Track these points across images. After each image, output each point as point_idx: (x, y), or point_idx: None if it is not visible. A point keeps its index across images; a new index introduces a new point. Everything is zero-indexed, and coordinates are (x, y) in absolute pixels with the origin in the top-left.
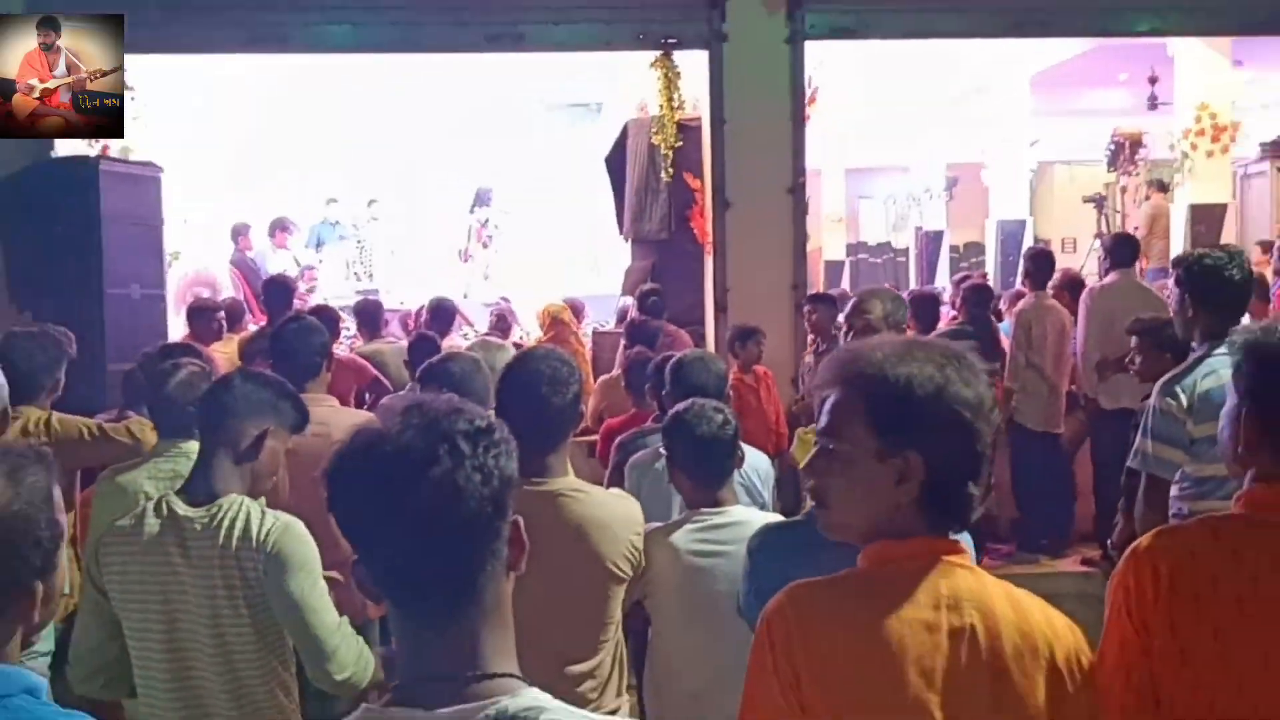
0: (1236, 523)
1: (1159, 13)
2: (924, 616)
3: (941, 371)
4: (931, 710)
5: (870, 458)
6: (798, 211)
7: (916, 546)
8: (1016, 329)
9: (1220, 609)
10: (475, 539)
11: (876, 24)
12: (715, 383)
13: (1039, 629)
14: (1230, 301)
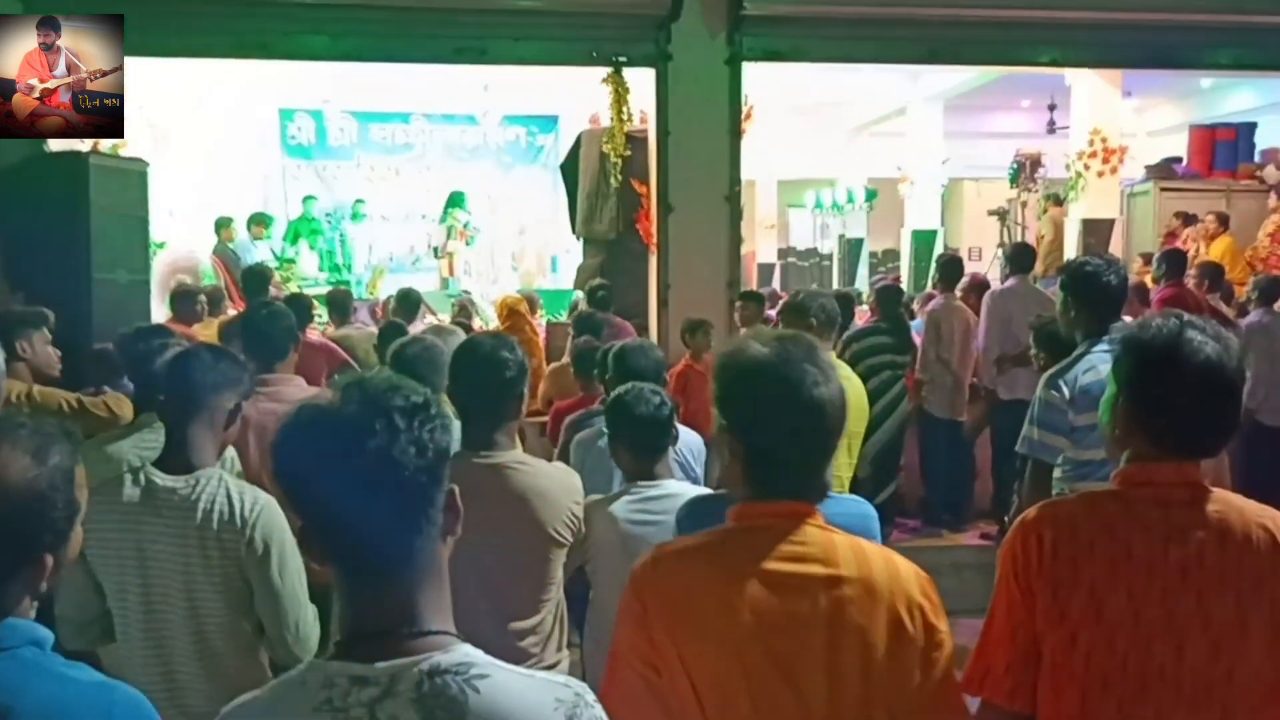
0: (1112, 497)
1: (1059, 46)
2: (768, 568)
3: (772, 361)
4: (772, 651)
5: (720, 434)
6: (734, 217)
7: (774, 509)
8: (927, 327)
9: (1095, 573)
10: (409, 506)
11: (807, 49)
12: (654, 368)
13: (880, 577)
14: (1107, 303)
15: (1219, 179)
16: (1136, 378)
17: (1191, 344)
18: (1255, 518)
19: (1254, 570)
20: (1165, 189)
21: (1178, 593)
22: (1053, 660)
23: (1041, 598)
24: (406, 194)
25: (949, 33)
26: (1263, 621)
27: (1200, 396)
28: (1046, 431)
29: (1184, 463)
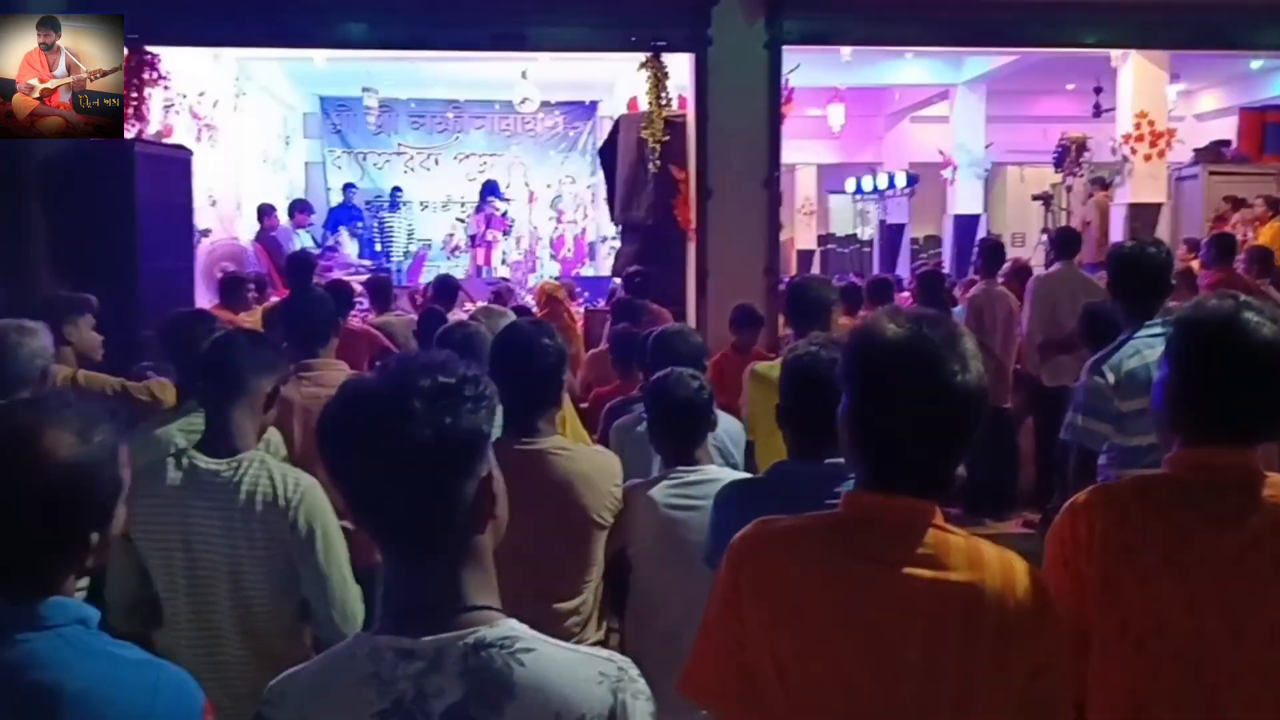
0: (1164, 481)
1: (1105, 27)
2: (875, 565)
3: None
4: (869, 652)
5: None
6: (772, 203)
7: (892, 503)
8: (969, 313)
9: (1147, 558)
10: (432, 487)
11: (846, 31)
12: (693, 353)
13: (992, 585)
14: (1149, 289)
15: (1269, 163)
16: (1190, 357)
17: (1249, 324)
18: None
19: None
20: (1214, 173)
21: (1233, 578)
22: (1103, 646)
23: (1091, 583)
24: (445, 182)
25: (991, 14)
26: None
27: (1255, 378)
28: (1091, 419)
29: (1239, 446)
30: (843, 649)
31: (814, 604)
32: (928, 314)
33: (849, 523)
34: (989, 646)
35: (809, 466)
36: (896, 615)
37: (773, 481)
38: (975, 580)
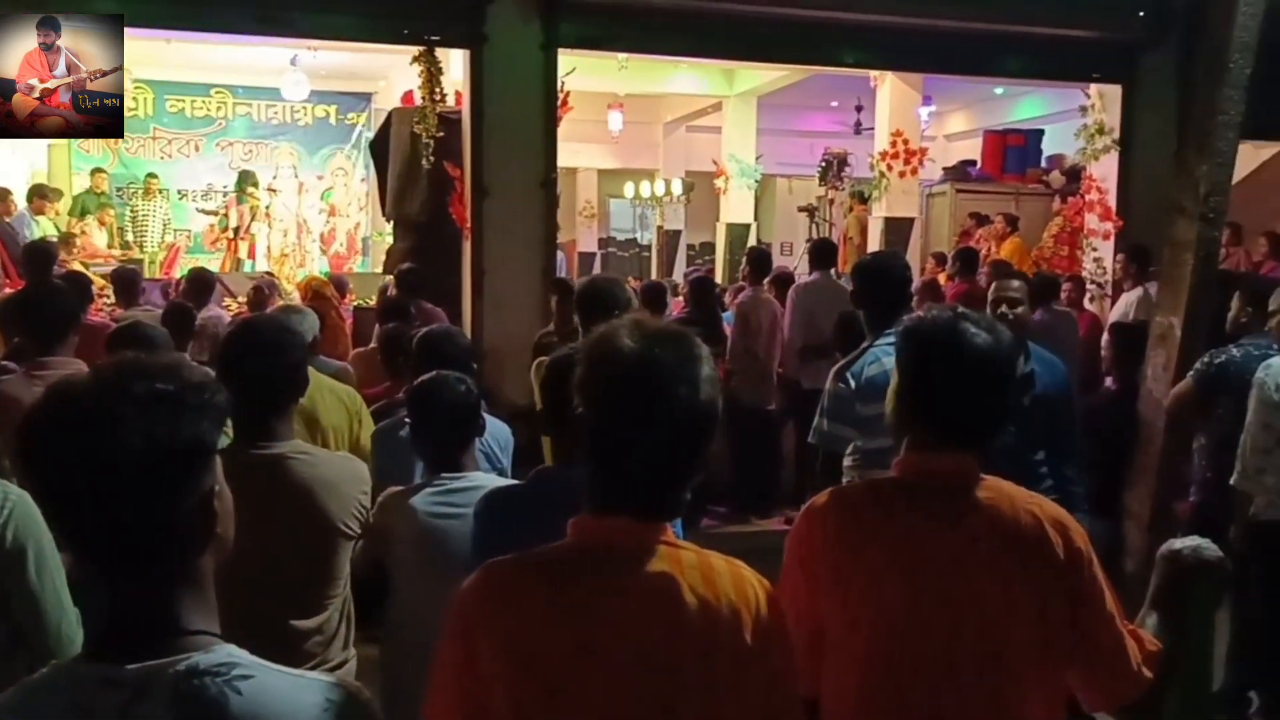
0: (891, 484)
1: (863, 48)
2: (606, 595)
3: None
4: (609, 689)
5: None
6: (549, 204)
7: (618, 525)
8: (736, 318)
9: (876, 558)
10: (145, 501)
11: (620, 37)
12: (460, 355)
13: (725, 598)
14: (888, 298)
15: (1009, 182)
16: (911, 366)
17: (965, 334)
18: (1024, 504)
19: (1022, 553)
20: (961, 190)
21: (953, 576)
22: (835, 644)
23: (825, 583)
24: (206, 170)
25: (760, 31)
26: (1029, 602)
27: (971, 385)
28: (835, 422)
29: (960, 451)
30: (585, 686)
31: (552, 646)
32: (668, 330)
33: (577, 553)
34: (727, 662)
35: (570, 472)
36: (634, 640)
37: (533, 489)
38: (710, 596)
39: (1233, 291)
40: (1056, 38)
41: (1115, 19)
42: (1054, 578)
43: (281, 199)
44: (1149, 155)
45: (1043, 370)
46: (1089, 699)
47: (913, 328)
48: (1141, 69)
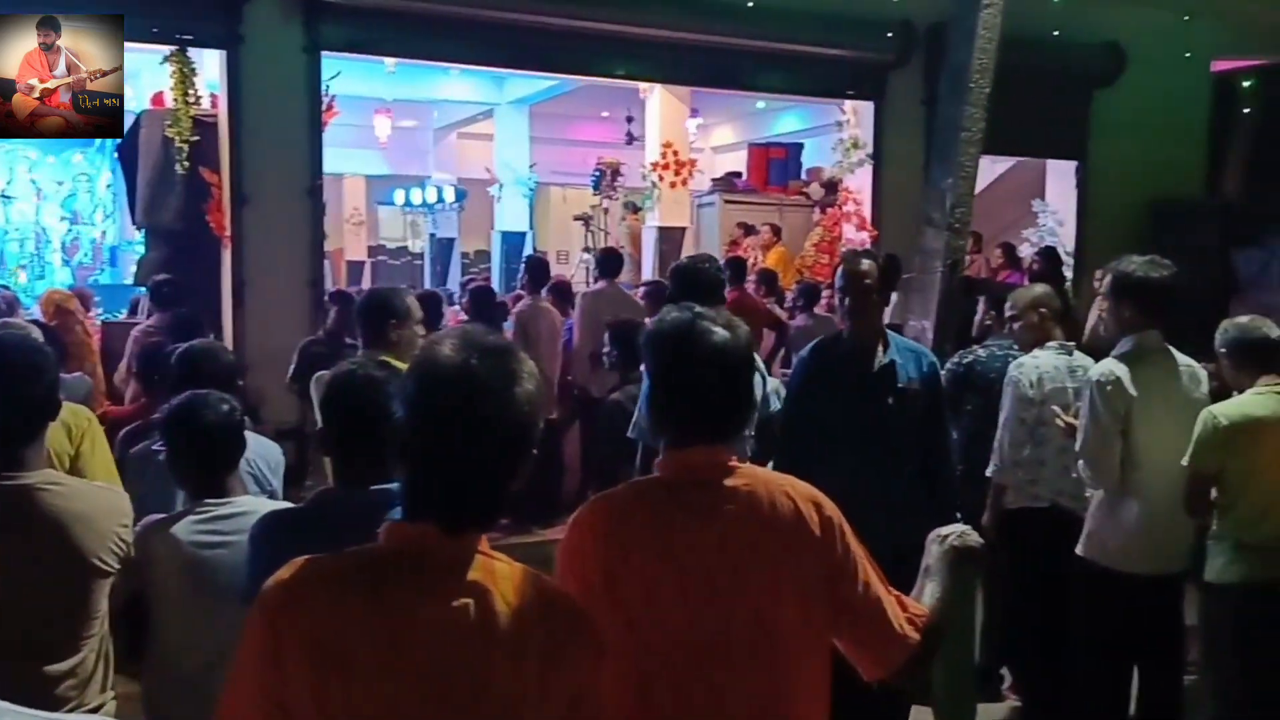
0: (654, 484)
1: (632, 60)
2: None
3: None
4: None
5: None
6: (315, 211)
7: (420, 531)
8: (516, 327)
9: (644, 557)
10: None
11: (388, 41)
12: (223, 373)
13: (533, 609)
14: (703, 300)
15: (773, 193)
16: (656, 367)
17: (701, 332)
18: (777, 486)
19: (781, 536)
20: (729, 201)
21: (718, 567)
22: (615, 649)
23: (598, 590)
24: None
25: (529, 39)
26: (793, 582)
27: (711, 381)
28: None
29: (713, 444)
30: (395, 693)
31: (360, 650)
32: (492, 344)
33: (391, 557)
34: (534, 674)
35: (355, 494)
36: (446, 650)
37: (315, 511)
38: (521, 607)
39: (977, 297)
40: (814, 55)
41: (867, 39)
42: (812, 554)
43: (16, 206)
44: (899, 169)
45: (905, 361)
46: (862, 666)
47: (653, 331)
48: (891, 87)
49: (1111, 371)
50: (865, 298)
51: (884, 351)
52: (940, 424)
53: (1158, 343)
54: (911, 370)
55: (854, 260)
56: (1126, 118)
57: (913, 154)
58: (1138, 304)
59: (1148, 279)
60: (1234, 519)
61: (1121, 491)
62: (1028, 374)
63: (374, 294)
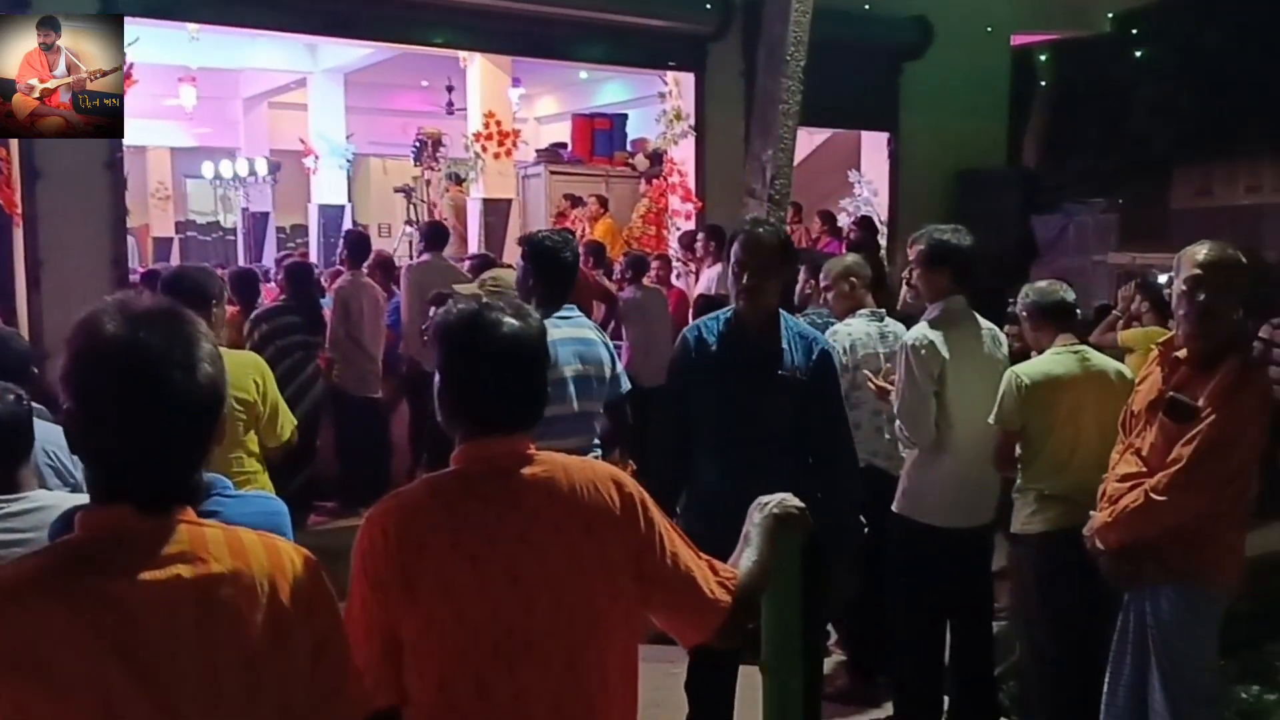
0: (451, 477)
1: (450, 29)
2: (129, 581)
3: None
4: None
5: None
6: (116, 186)
7: (117, 514)
8: (336, 304)
9: (440, 552)
10: None
11: (191, 7)
12: (15, 362)
13: (259, 568)
14: (556, 277)
15: (599, 165)
16: (447, 360)
17: (489, 322)
18: (577, 469)
19: (583, 518)
20: (554, 172)
21: (519, 555)
22: (413, 647)
23: (394, 589)
24: None
25: (343, 5)
26: (598, 565)
27: (502, 370)
28: None
29: (510, 434)
30: (110, 684)
31: (67, 654)
32: (157, 310)
33: (87, 545)
34: (265, 630)
35: None
36: (158, 627)
37: None
38: (240, 568)
39: (797, 266)
40: (634, 26)
41: (686, 10)
42: (615, 533)
43: None
44: (722, 140)
45: (793, 348)
46: (679, 634)
47: (441, 321)
48: (711, 59)
49: (924, 336)
50: (766, 274)
51: (773, 336)
52: (832, 416)
53: (964, 307)
54: (799, 358)
55: (756, 231)
56: (934, 90)
57: (734, 126)
58: (945, 271)
59: (953, 247)
60: (1036, 472)
61: (935, 450)
62: (839, 341)
63: (183, 273)
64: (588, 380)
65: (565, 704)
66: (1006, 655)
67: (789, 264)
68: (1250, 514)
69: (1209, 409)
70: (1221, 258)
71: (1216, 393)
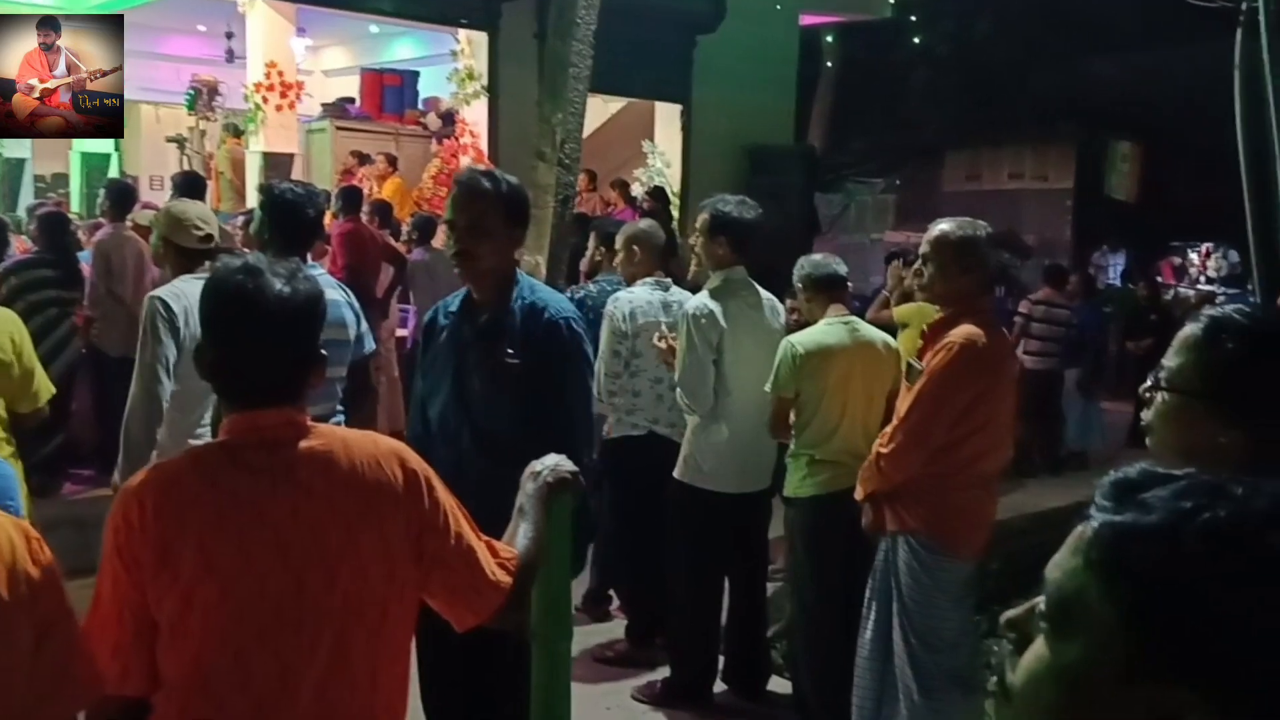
0: (217, 449)
1: None
2: None
3: None
4: None
5: None
6: None
7: None
8: (96, 258)
9: (203, 526)
10: None
11: None
12: None
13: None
14: (305, 234)
15: (389, 122)
16: (212, 326)
17: (259, 287)
18: (358, 445)
19: (361, 494)
20: (341, 128)
21: (289, 531)
22: (170, 627)
23: (149, 566)
24: None
25: None
26: (376, 543)
27: (273, 336)
28: None
29: (283, 405)
30: None
31: None
32: None
33: None
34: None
35: None
36: None
37: None
38: None
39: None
40: None
41: None
42: (397, 511)
43: None
44: (515, 103)
45: (518, 319)
46: (456, 617)
47: (209, 282)
48: (504, 19)
49: (705, 305)
50: (479, 235)
51: (501, 309)
52: (557, 399)
53: (744, 278)
54: (523, 330)
55: (468, 182)
56: (726, 64)
57: (528, 88)
58: (728, 241)
59: (736, 218)
60: (808, 438)
61: (714, 417)
62: (621, 308)
63: None
64: (333, 344)
65: (331, 690)
66: (781, 616)
67: (517, 222)
68: (992, 481)
69: (925, 373)
70: (944, 236)
71: (932, 357)
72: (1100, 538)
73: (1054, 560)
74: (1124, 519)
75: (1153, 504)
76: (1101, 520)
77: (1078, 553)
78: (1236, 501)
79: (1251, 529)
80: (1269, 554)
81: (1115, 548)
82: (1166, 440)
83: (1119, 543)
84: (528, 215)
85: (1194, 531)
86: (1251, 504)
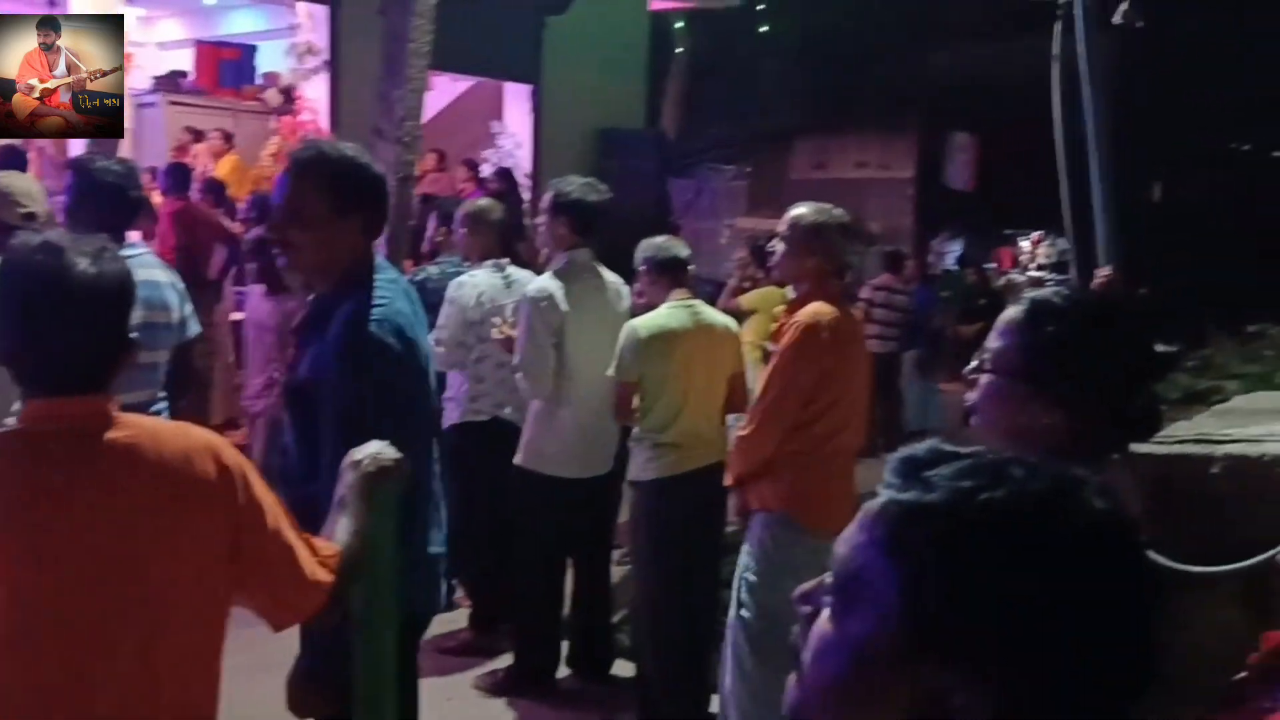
0: (15, 437)
1: None
2: None
3: None
4: None
5: None
6: None
7: None
8: None
9: (13, 511)
10: None
11: None
12: None
13: None
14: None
15: (225, 97)
16: (8, 307)
17: (62, 266)
18: (169, 436)
19: (171, 490)
20: (174, 103)
21: (92, 528)
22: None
23: None
24: None
25: None
26: (181, 546)
27: (76, 319)
28: None
29: (88, 394)
30: None
31: None
32: None
33: None
34: None
35: None
36: None
37: None
38: None
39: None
40: None
41: None
42: (209, 506)
43: None
44: (356, 79)
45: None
46: (274, 618)
47: (7, 260)
48: None
49: (545, 288)
50: (292, 216)
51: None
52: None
53: (589, 260)
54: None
55: (299, 153)
56: (577, 46)
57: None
58: (571, 223)
59: (578, 200)
60: (651, 421)
61: (555, 402)
62: (468, 294)
63: None
64: (153, 327)
65: (132, 698)
66: (623, 595)
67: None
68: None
69: (776, 353)
70: (798, 219)
71: (779, 339)
72: (884, 514)
73: (842, 535)
74: (907, 497)
75: (935, 482)
76: (887, 497)
77: (863, 528)
78: (1015, 483)
79: (1026, 512)
80: (1039, 539)
81: (896, 524)
82: (991, 421)
83: (899, 520)
84: (371, 196)
85: (970, 512)
86: (1028, 487)
